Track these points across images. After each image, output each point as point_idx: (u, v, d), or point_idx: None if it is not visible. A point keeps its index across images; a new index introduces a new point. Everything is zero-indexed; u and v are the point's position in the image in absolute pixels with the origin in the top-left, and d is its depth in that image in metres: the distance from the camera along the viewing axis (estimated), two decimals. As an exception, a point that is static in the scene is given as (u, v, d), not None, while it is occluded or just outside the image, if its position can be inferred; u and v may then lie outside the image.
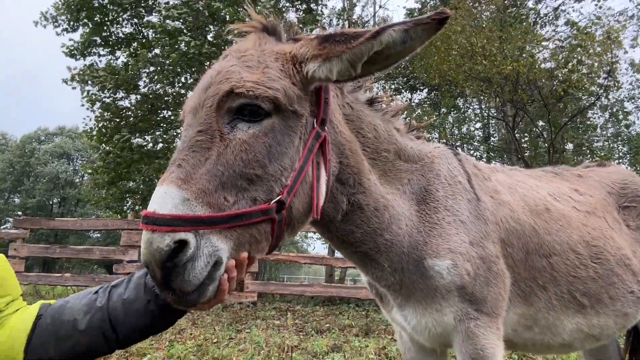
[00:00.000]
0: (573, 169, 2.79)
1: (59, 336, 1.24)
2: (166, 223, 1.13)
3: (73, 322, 1.24)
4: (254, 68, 1.36)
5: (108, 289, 1.31)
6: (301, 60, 1.40)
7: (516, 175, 2.36)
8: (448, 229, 1.81)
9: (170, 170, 1.23)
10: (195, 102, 1.35)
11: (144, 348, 5.69)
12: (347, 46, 1.32)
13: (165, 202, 1.16)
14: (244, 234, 1.26)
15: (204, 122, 1.29)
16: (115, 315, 1.26)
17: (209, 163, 1.24)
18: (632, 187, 2.62)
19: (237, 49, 1.45)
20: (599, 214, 2.37)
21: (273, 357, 5.33)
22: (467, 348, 1.78)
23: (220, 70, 1.36)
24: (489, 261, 1.84)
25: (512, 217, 2.01)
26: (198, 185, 1.20)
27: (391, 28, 1.29)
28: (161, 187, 1.19)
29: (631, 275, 2.28)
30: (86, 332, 1.24)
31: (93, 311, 1.26)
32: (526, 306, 2.04)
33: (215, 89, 1.32)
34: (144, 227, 1.14)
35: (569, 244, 2.13)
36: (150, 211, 1.15)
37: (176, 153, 1.27)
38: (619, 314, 2.26)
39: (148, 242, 1.13)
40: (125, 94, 14.59)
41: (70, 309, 1.27)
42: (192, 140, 1.27)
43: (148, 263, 1.15)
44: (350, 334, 7.20)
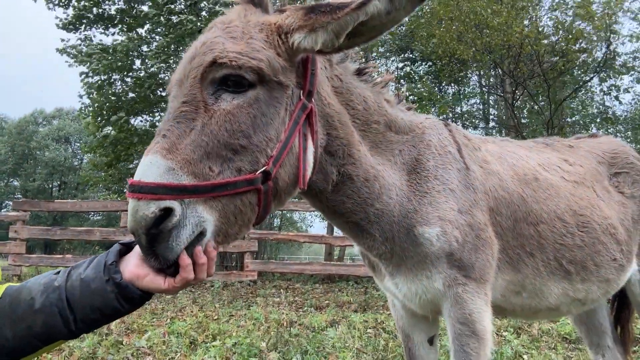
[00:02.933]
0: (564, 140, 2.80)
1: (14, 317, 1.18)
2: (151, 191, 1.15)
3: (29, 301, 1.19)
4: (238, 39, 1.35)
5: (68, 270, 1.27)
6: (286, 31, 1.40)
7: (507, 145, 2.38)
8: (438, 197, 1.84)
9: (155, 140, 1.24)
10: (180, 74, 1.35)
11: (144, 325, 5.79)
12: (333, 17, 1.32)
13: (150, 171, 1.18)
14: (229, 204, 1.27)
15: (188, 93, 1.30)
16: (72, 294, 1.20)
17: (194, 133, 1.25)
18: (622, 156, 2.64)
19: (222, 21, 1.45)
20: (587, 183, 2.39)
21: (272, 332, 5.42)
22: (456, 313, 1.83)
23: (205, 42, 1.36)
24: (477, 229, 1.87)
25: (501, 186, 2.04)
26: (183, 155, 1.22)
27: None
28: (146, 157, 1.20)
29: (615, 244, 2.32)
30: (41, 310, 1.18)
31: (50, 290, 1.21)
32: (514, 273, 2.08)
33: (200, 60, 1.32)
34: (129, 196, 1.16)
35: (556, 213, 2.16)
36: (135, 180, 1.17)
37: (162, 124, 1.29)
38: (603, 280, 2.31)
39: (134, 210, 1.15)
40: (119, 75, 14.44)
41: (28, 289, 1.22)
42: (177, 111, 1.28)
43: (134, 230, 1.16)
44: (348, 310, 7.31)
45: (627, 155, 2.65)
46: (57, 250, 31.53)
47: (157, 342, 4.87)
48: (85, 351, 4.46)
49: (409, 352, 2.24)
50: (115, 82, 14.74)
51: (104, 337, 5.03)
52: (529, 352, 4.79)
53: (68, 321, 1.19)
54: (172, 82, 1.39)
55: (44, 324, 1.18)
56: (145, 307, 7.20)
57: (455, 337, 1.83)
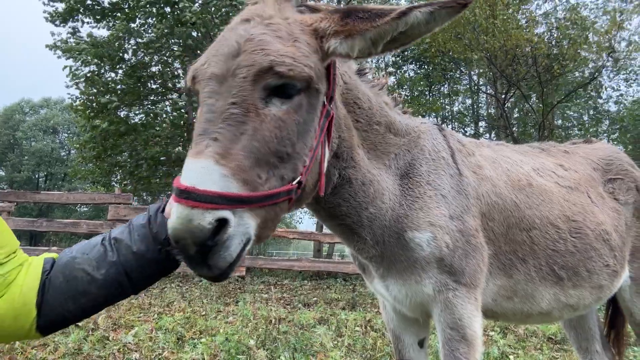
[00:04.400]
0: (560, 145, 2.81)
1: (75, 293, 1.27)
2: (208, 200, 1.08)
3: (88, 278, 1.27)
4: (285, 40, 1.29)
5: (114, 243, 1.33)
6: (322, 35, 1.36)
7: (502, 150, 2.37)
8: (429, 202, 1.83)
9: (204, 142, 1.15)
10: (221, 69, 1.24)
11: (132, 320, 5.72)
12: (372, 24, 1.31)
13: (205, 178, 1.10)
14: (270, 211, 1.25)
15: (238, 94, 1.21)
16: (129, 267, 1.30)
17: (245, 138, 1.18)
18: (617, 163, 2.65)
19: (259, 14, 1.35)
20: (581, 189, 2.39)
21: (260, 329, 5.39)
22: (446, 317, 1.82)
23: (250, 38, 1.26)
24: (468, 234, 1.87)
25: (494, 191, 2.04)
26: (235, 161, 1.16)
27: (417, 9, 1.29)
28: (198, 161, 1.12)
29: (608, 250, 2.33)
30: (103, 286, 1.28)
31: (107, 266, 1.29)
32: (506, 278, 2.08)
33: (250, 60, 1.22)
34: (181, 202, 1.07)
35: (549, 219, 2.16)
36: (189, 185, 1.08)
37: (204, 123, 1.19)
38: (595, 286, 2.31)
39: (186, 218, 1.06)
40: (110, 67, 14.26)
41: (80, 265, 1.28)
42: (227, 112, 1.19)
43: (181, 239, 1.09)
44: (337, 307, 7.32)
45: (622, 162, 2.66)
46: (42, 242, 31.16)
47: (144, 338, 4.82)
48: (70, 347, 4.40)
49: (399, 354, 2.24)
50: (104, 73, 14.54)
51: (90, 333, 4.97)
52: (516, 352, 4.83)
53: (128, 288, 1.33)
54: (205, 74, 1.27)
55: (107, 295, 1.31)
56: (133, 301, 7.13)
57: (446, 341, 1.83)
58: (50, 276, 1.27)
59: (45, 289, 1.25)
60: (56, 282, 1.27)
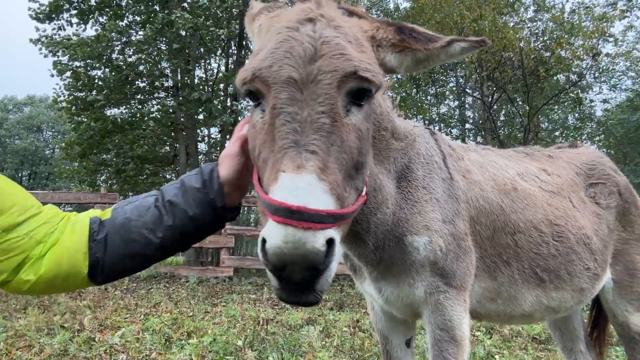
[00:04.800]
0: (545, 149, 2.87)
1: (134, 254, 1.32)
2: (320, 220, 0.99)
3: (145, 240, 1.32)
4: (354, 45, 1.24)
5: (169, 206, 1.36)
6: (379, 44, 1.38)
7: (488, 154, 2.42)
8: (426, 206, 1.85)
9: (302, 155, 1.07)
10: (299, 74, 1.15)
11: (118, 321, 5.69)
12: (425, 46, 1.38)
13: (313, 195, 1.02)
14: (348, 225, 1.25)
15: (325, 101, 1.13)
16: (186, 231, 1.35)
17: (335, 150, 1.12)
18: (599, 168, 2.71)
19: (321, 14, 1.27)
20: (564, 193, 2.45)
21: (248, 330, 5.40)
22: (436, 319, 1.86)
23: (325, 41, 1.19)
24: (458, 238, 1.90)
25: (482, 196, 2.08)
26: (333, 175, 1.10)
27: (458, 42, 1.39)
28: (302, 177, 1.03)
29: (589, 254, 2.39)
30: (160, 249, 1.34)
31: (163, 229, 1.33)
32: (491, 280, 2.13)
33: (332, 65, 1.15)
34: (292, 223, 0.97)
35: (532, 223, 2.21)
36: (300, 205, 0.98)
37: (292, 134, 1.10)
38: (576, 288, 2.37)
39: (299, 242, 0.96)
40: (97, 64, 14.10)
41: (137, 228, 1.32)
42: (318, 123, 1.11)
43: (292, 263, 0.99)
44: (324, 307, 7.34)
45: (604, 167, 2.73)
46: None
47: (131, 339, 4.80)
48: (56, 348, 4.36)
49: (387, 354, 2.27)
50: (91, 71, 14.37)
51: (76, 334, 4.93)
52: (501, 352, 4.91)
53: (181, 247, 1.41)
54: (278, 78, 1.15)
55: (163, 254, 1.38)
56: (119, 302, 7.08)
57: (435, 342, 1.86)
58: (107, 238, 1.31)
59: (100, 250, 1.29)
60: (114, 244, 1.30)
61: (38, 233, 1.24)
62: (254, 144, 1.22)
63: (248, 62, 1.25)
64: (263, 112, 1.20)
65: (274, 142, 1.11)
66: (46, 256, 1.24)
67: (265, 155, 1.14)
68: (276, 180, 1.05)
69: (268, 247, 0.99)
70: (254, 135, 1.23)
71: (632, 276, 2.61)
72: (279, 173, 1.05)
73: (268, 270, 1.04)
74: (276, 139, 1.10)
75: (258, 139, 1.19)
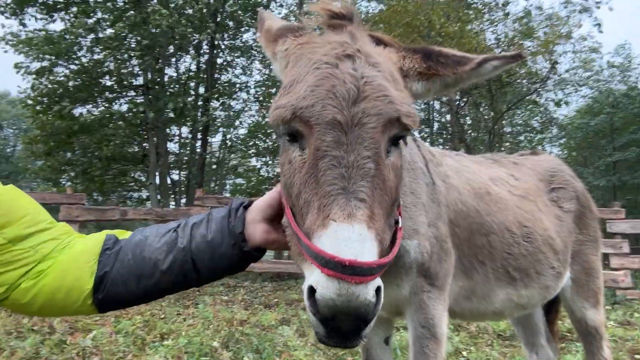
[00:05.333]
0: (510, 156, 3.06)
1: (141, 274, 1.26)
2: (371, 272, 0.98)
3: (155, 261, 1.26)
4: (392, 83, 1.22)
5: (189, 228, 1.31)
6: (406, 75, 1.35)
7: (462, 160, 2.57)
8: (414, 211, 1.95)
9: (352, 204, 1.04)
10: (344, 116, 1.11)
11: (89, 324, 5.60)
12: (453, 71, 1.34)
13: (364, 248, 1.00)
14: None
15: (370, 146, 1.11)
16: (199, 257, 1.28)
17: (378, 194, 1.11)
18: (560, 174, 2.91)
19: (358, 49, 1.24)
20: (530, 198, 2.63)
21: (222, 331, 5.42)
22: (419, 317, 1.96)
23: (368, 81, 1.16)
24: (441, 240, 2.02)
25: (460, 199, 2.21)
26: (379, 222, 1.09)
27: (490, 62, 1.37)
28: (352, 227, 1.01)
29: (553, 254, 2.57)
30: (168, 272, 1.27)
31: (175, 252, 1.27)
32: (467, 279, 2.26)
33: (376, 108, 1.13)
34: (345, 278, 0.95)
35: (505, 224, 2.37)
36: (352, 260, 0.95)
37: (339, 180, 1.07)
38: (543, 286, 2.54)
39: (353, 296, 0.95)
40: (64, 62, 13.70)
41: (150, 247, 1.28)
42: (364, 168, 1.09)
43: (344, 315, 0.97)
44: (298, 307, 7.41)
45: (564, 174, 2.94)
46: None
47: (103, 342, 4.75)
48: (27, 351, 4.28)
49: (366, 352, 2.35)
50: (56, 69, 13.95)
51: (47, 337, 4.84)
52: (468, 349, 5.11)
53: (192, 279, 1.30)
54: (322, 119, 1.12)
55: (170, 282, 1.28)
56: (88, 305, 6.92)
57: (416, 339, 1.96)
58: (119, 253, 1.27)
59: (109, 265, 1.25)
60: (124, 258, 1.26)
61: (45, 248, 1.21)
62: (291, 180, 1.19)
63: (284, 97, 1.20)
64: (302, 151, 1.17)
65: (317, 184, 1.09)
66: (52, 267, 1.21)
67: (308, 197, 1.11)
68: (325, 227, 1.02)
69: (319, 298, 0.97)
70: (291, 172, 1.19)
71: (588, 275, 2.82)
72: (327, 220, 1.02)
73: (316, 319, 1.01)
74: (321, 183, 1.09)
75: (297, 177, 1.16)
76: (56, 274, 1.20)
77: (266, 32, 1.50)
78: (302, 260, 1.14)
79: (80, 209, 9.78)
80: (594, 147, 25.78)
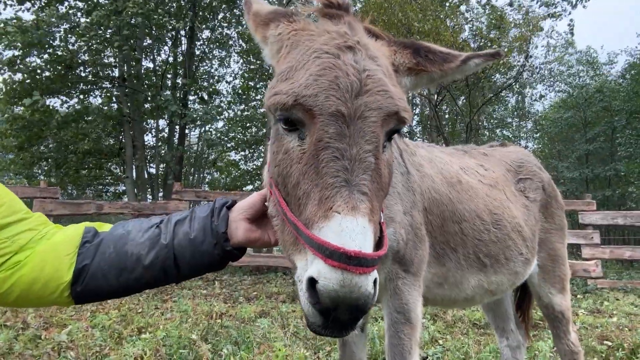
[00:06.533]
0: (479, 147, 3.15)
1: (122, 268, 1.27)
2: (373, 264, 1.00)
3: (137, 255, 1.27)
4: (389, 78, 1.23)
5: (172, 225, 1.33)
6: (396, 69, 1.36)
7: (434, 151, 2.63)
8: (390, 199, 1.99)
9: (355, 197, 1.05)
10: (347, 108, 1.12)
11: (64, 319, 5.52)
12: (440, 67, 1.38)
13: (367, 240, 1.02)
14: None
15: (372, 139, 1.13)
16: (181, 254, 1.30)
17: (376, 188, 1.13)
18: (527, 165, 3.01)
19: (359, 42, 1.24)
20: (499, 187, 2.71)
21: (201, 324, 5.41)
22: (394, 303, 2.02)
23: (369, 75, 1.17)
24: (415, 227, 2.07)
25: (433, 188, 2.27)
26: (377, 215, 1.12)
27: (473, 59, 1.43)
28: (357, 220, 1.02)
29: (522, 240, 2.65)
30: (150, 267, 1.28)
31: (158, 248, 1.29)
32: (439, 266, 2.32)
33: (377, 102, 1.14)
34: (350, 269, 0.96)
35: (476, 212, 2.44)
36: (357, 251, 0.97)
37: (342, 172, 1.08)
38: (512, 272, 2.63)
39: (356, 287, 0.97)
40: (37, 53, 13.32)
41: (132, 241, 1.29)
42: (366, 162, 1.11)
43: (347, 306, 0.98)
44: (277, 300, 7.45)
45: (531, 165, 3.03)
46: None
47: (79, 336, 4.69)
48: (0, 346, 4.20)
49: (341, 339, 2.40)
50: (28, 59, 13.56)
51: (20, 332, 4.76)
52: (444, 337, 5.22)
53: (172, 275, 1.32)
54: (326, 109, 1.11)
55: (151, 277, 1.30)
56: (64, 300, 6.81)
57: (392, 324, 2.02)
58: (99, 245, 1.27)
59: (89, 257, 1.25)
60: (106, 251, 1.27)
61: (22, 238, 1.20)
62: (287, 170, 1.17)
63: (282, 83, 1.19)
64: (302, 141, 1.16)
65: (318, 176, 1.09)
66: (29, 257, 1.20)
67: (307, 188, 1.10)
68: (327, 219, 1.02)
69: (321, 289, 0.97)
70: (288, 162, 1.17)
71: (554, 262, 2.92)
72: (331, 212, 1.03)
73: (315, 309, 1.01)
74: (322, 174, 1.08)
75: (295, 167, 1.15)
76: (34, 265, 1.20)
77: (254, 15, 1.47)
78: (294, 251, 1.13)
79: (55, 202, 9.62)
80: (567, 141, 26.43)
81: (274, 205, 1.26)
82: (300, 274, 1.08)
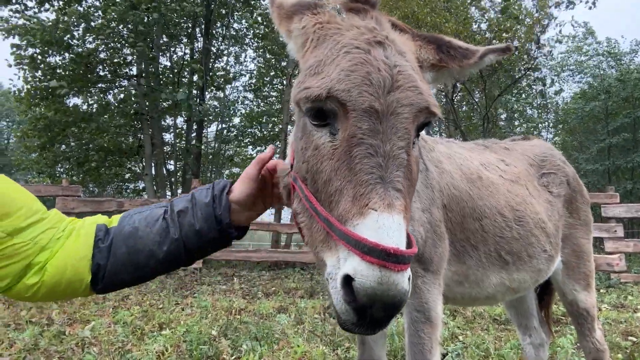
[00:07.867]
0: (501, 142, 3.08)
1: (136, 265, 1.32)
2: (408, 260, 0.99)
3: (149, 252, 1.33)
4: (418, 74, 1.22)
5: (176, 216, 1.37)
6: (420, 65, 1.36)
7: (453, 146, 2.58)
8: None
9: (390, 194, 1.04)
10: (380, 105, 1.11)
11: (87, 315, 5.63)
12: (459, 64, 1.40)
13: (403, 237, 1.02)
14: None
15: (404, 136, 1.12)
16: (189, 243, 1.36)
17: (407, 185, 1.12)
18: (551, 159, 2.94)
19: (388, 37, 1.23)
20: (521, 182, 2.65)
21: (221, 320, 5.46)
22: (413, 302, 2.00)
23: (400, 70, 1.16)
24: (435, 225, 2.04)
25: (452, 184, 2.23)
26: (410, 213, 1.13)
27: (489, 55, 1.46)
28: (393, 217, 1.01)
29: (545, 237, 2.60)
30: (163, 261, 1.35)
31: (169, 242, 1.34)
32: (460, 264, 2.28)
33: (409, 98, 1.13)
34: (388, 266, 0.95)
35: (497, 208, 2.39)
36: (396, 248, 0.97)
37: (376, 169, 1.07)
38: (535, 269, 2.58)
39: (394, 284, 0.95)
40: (57, 52, 13.54)
41: (142, 239, 1.33)
42: (399, 158, 1.10)
43: (384, 303, 0.97)
44: (295, 296, 7.48)
45: (555, 159, 2.96)
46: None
47: (102, 332, 4.78)
48: (27, 342, 4.31)
49: (360, 337, 2.39)
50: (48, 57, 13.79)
51: (45, 328, 4.87)
52: (464, 333, 5.17)
53: (183, 262, 1.41)
54: (359, 105, 1.10)
55: (164, 269, 1.38)
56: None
57: (411, 323, 2.00)
58: (111, 245, 1.31)
59: (104, 258, 1.29)
60: (118, 252, 1.30)
61: (43, 239, 1.23)
62: (317, 167, 1.15)
63: (312, 78, 1.17)
64: (333, 137, 1.14)
65: (352, 172, 1.07)
66: (50, 262, 1.23)
67: (340, 184, 1.08)
68: (363, 216, 1.01)
69: (358, 286, 0.95)
70: (318, 158, 1.15)
71: (579, 258, 2.86)
72: (367, 209, 1.01)
73: (350, 307, 0.99)
74: (356, 170, 1.07)
75: (327, 164, 1.13)
76: (55, 271, 1.24)
77: (278, 7, 1.45)
78: (323, 248, 1.11)
79: (77, 200, 9.79)
80: (588, 132, 25.84)
81: (300, 201, 1.24)
82: (331, 271, 1.05)
